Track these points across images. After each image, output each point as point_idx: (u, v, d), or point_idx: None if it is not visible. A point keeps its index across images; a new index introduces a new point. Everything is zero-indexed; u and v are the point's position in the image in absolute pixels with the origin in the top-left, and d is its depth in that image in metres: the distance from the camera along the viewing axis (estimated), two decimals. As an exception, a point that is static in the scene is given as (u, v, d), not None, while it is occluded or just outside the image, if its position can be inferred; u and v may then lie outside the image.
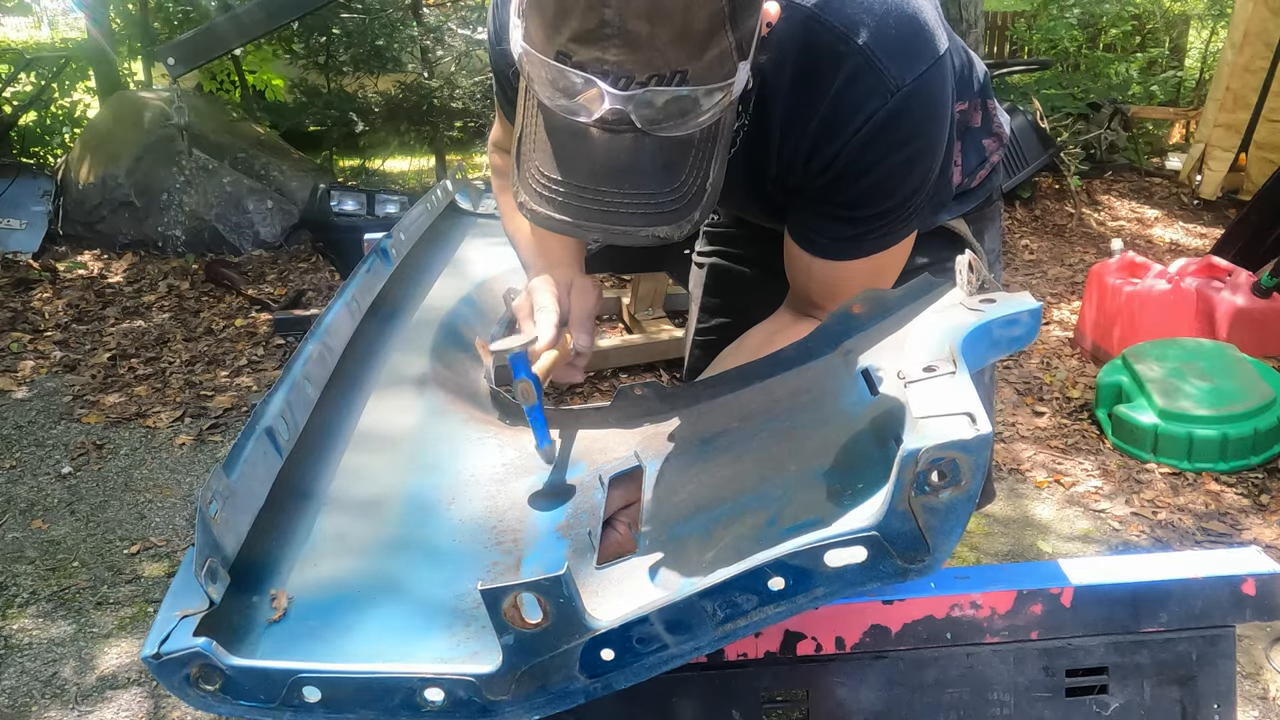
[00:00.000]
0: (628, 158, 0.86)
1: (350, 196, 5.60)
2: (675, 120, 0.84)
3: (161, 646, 0.73)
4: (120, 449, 3.83)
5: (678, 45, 0.81)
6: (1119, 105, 7.69)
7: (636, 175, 0.86)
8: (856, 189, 1.07)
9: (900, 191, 1.08)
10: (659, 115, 0.84)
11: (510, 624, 0.70)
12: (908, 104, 1.01)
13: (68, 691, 2.48)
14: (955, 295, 0.93)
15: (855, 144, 1.03)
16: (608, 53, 0.80)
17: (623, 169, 0.86)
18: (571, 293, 1.12)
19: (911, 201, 1.09)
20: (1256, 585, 0.84)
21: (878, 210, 1.09)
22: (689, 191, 0.88)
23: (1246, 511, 3.14)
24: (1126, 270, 4.27)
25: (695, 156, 0.88)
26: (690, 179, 0.88)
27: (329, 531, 0.96)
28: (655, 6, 0.79)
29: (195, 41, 3.00)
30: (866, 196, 1.07)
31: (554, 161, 0.87)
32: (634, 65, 0.81)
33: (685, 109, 0.84)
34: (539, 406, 1.04)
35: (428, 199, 1.79)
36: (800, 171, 1.09)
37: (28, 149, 7.26)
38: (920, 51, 1.02)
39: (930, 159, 1.08)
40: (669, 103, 0.83)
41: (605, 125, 0.84)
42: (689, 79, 0.82)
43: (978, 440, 0.66)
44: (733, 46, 0.84)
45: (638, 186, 0.86)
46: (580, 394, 4.21)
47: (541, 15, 0.83)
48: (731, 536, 0.82)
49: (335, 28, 6.59)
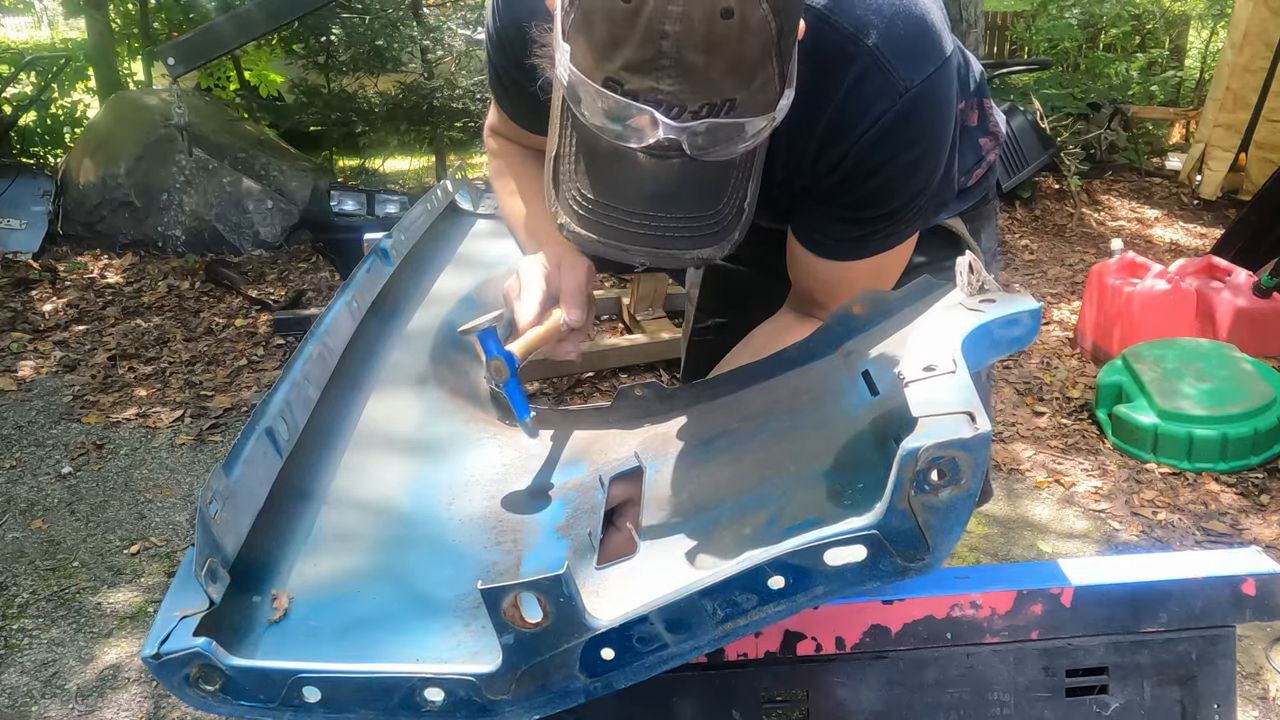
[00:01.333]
0: (675, 182, 0.86)
1: (350, 196, 5.60)
2: (722, 146, 0.85)
3: (161, 646, 0.73)
4: (120, 449, 3.83)
5: (730, 75, 0.82)
6: (1119, 105, 7.69)
7: (683, 199, 0.87)
8: (863, 190, 1.07)
9: (906, 191, 1.08)
10: (708, 142, 0.84)
11: (510, 624, 0.70)
12: (915, 105, 1.02)
13: (68, 691, 2.48)
14: (955, 295, 0.93)
15: (863, 145, 1.03)
16: (662, 83, 0.81)
17: (670, 194, 0.87)
18: (561, 268, 1.13)
19: (916, 201, 1.10)
20: (1256, 585, 0.84)
21: (884, 211, 1.09)
22: (730, 212, 0.90)
23: (1246, 511, 3.14)
24: (1126, 270, 4.27)
25: (736, 179, 0.90)
26: (731, 200, 0.90)
27: (329, 531, 0.96)
28: (712, 37, 0.79)
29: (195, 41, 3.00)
30: (873, 197, 1.08)
31: (598, 184, 0.88)
32: (688, 95, 0.81)
33: (733, 135, 0.85)
34: (513, 382, 1.03)
35: (428, 199, 1.79)
36: (808, 172, 1.09)
37: (28, 149, 7.26)
38: (928, 53, 1.02)
39: (936, 159, 1.08)
40: (718, 130, 0.84)
41: (653, 151, 0.85)
42: (738, 107, 0.83)
43: (977, 439, 0.66)
44: (776, 74, 0.85)
45: (683, 210, 0.87)
46: (580, 394, 4.21)
47: (591, 40, 0.83)
48: (731, 536, 0.82)
49: (335, 28, 6.58)
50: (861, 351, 0.99)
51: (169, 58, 2.87)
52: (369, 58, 6.71)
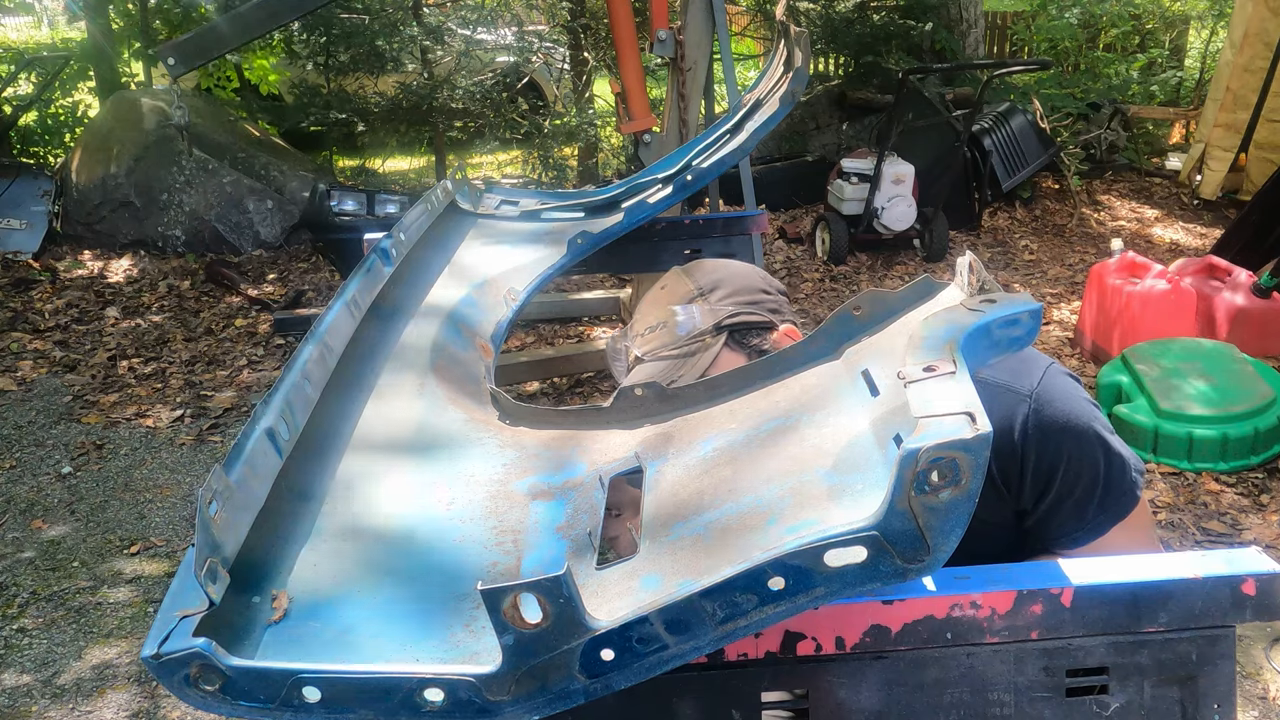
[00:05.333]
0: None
1: (350, 196, 5.61)
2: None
3: (161, 646, 0.73)
4: (120, 449, 3.83)
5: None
6: (1119, 105, 7.69)
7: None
8: (1064, 486, 1.18)
9: (1091, 462, 1.18)
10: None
11: (510, 624, 0.70)
12: (1045, 396, 1.17)
13: (67, 691, 2.48)
14: (955, 295, 0.93)
15: (1032, 455, 1.16)
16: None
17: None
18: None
19: (1109, 463, 1.19)
20: (1256, 585, 0.84)
21: (1094, 488, 1.18)
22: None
23: (1246, 511, 3.14)
24: (1126, 270, 4.27)
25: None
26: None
27: (329, 531, 0.96)
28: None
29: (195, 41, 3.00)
30: (1075, 483, 1.18)
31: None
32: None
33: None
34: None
35: (428, 199, 1.79)
36: (1027, 514, 1.22)
37: (28, 149, 7.26)
38: (1031, 365, 1.21)
39: (1097, 424, 1.19)
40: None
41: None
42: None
43: (978, 440, 0.66)
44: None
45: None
46: (580, 394, 4.21)
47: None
48: (731, 536, 0.82)
49: (335, 28, 6.58)
50: (861, 351, 0.99)
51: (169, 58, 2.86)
52: (369, 58, 6.71)
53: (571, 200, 1.97)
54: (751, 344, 1.32)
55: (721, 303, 1.33)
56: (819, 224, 6.10)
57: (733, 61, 4.16)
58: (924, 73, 6.62)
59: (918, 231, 5.95)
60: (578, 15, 7.34)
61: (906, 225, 5.84)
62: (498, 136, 7.12)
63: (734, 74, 4.12)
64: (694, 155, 1.96)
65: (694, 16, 3.92)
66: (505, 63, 7.42)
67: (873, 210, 5.79)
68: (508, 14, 7.82)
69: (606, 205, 1.94)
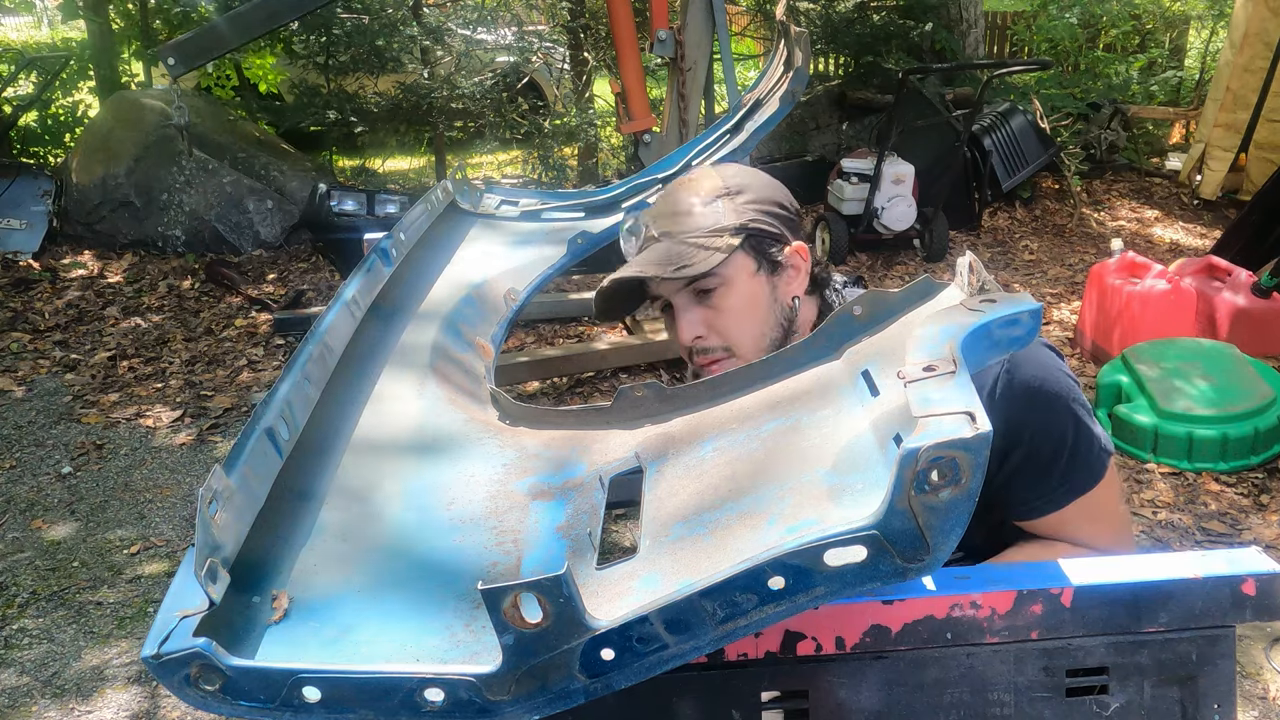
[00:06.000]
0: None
1: (350, 196, 5.61)
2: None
3: (161, 646, 0.73)
4: (120, 449, 3.83)
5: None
6: (1119, 105, 7.69)
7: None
8: (1033, 443, 1.17)
9: (1064, 423, 1.18)
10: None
11: (510, 624, 0.70)
12: (1021, 360, 1.18)
13: (68, 691, 2.48)
14: (955, 295, 0.93)
15: (1000, 416, 1.14)
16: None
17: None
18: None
19: (1081, 432, 1.19)
20: (1256, 585, 0.84)
21: (1061, 445, 1.18)
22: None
23: (1246, 511, 3.14)
24: (1126, 270, 4.27)
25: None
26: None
27: (329, 531, 0.96)
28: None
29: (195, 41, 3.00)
30: (1043, 440, 1.17)
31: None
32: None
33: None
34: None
35: (428, 199, 1.79)
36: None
37: (28, 149, 7.26)
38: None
39: (1069, 395, 1.20)
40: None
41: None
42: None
43: (978, 439, 0.66)
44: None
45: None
46: (580, 394, 4.21)
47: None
48: (731, 536, 0.82)
49: (335, 28, 6.58)
50: (861, 351, 0.99)
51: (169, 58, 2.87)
52: (369, 58, 6.71)
53: (571, 200, 1.97)
54: (767, 252, 1.33)
55: (746, 206, 1.32)
56: (819, 224, 6.10)
57: (733, 61, 4.16)
58: (924, 73, 6.62)
59: (918, 231, 5.95)
60: (578, 15, 7.34)
61: (906, 225, 5.84)
62: (498, 136, 7.12)
63: (734, 74, 4.12)
64: (694, 155, 1.97)
65: (694, 16, 3.92)
66: (505, 63, 7.42)
67: (873, 210, 5.79)
68: (508, 14, 7.82)
69: (606, 205, 1.94)
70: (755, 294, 1.32)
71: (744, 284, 1.30)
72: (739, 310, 1.31)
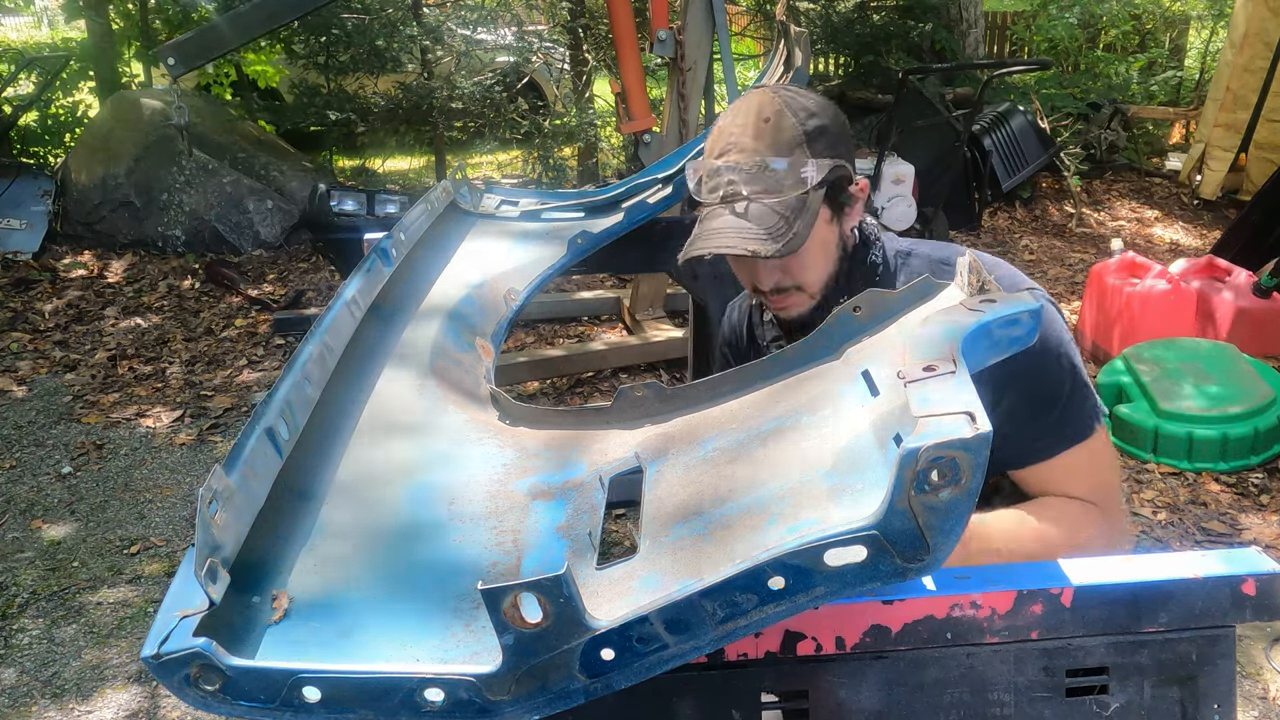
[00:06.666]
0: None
1: (350, 196, 5.60)
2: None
3: (161, 646, 0.73)
4: (120, 449, 3.83)
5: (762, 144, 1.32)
6: (1119, 105, 7.69)
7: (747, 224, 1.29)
8: (1026, 393, 1.20)
9: (1059, 368, 1.21)
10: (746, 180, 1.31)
11: (510, 623, 0.70)
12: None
13: (68, 691, 2.48)
14: (955, 295, 0.93)
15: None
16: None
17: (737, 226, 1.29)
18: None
19: (1073, 377, 1.21)
20: (1256, 585, 0.84)
21: (1053, 390, 1.21)
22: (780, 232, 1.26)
23: (1246, 511, 3.14)
24: (1126, 270, 4.27)
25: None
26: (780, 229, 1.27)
27: (329, 531, 0.96)
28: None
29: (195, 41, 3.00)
30: (1029, 384, 1.19)
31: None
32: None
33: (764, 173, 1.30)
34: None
35: (428, 199, 1.79)
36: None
37: (28, 149, 7.26)
38: (1021, 283, 1.25)
39: (1069, 348, 1.23)
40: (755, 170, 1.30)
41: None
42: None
43: (978, 439, 0.66)
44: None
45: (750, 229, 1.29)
46: (580, 394, 4.21)
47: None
48: (731, 536, 0.82)
49: (335, 28, 6.58)
50: (862, 351, 0.99)
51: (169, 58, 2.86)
52: (369, 58, 6.71)
53: (571, 200, 1.97)
54: (840, 197, 1.32)
55: (825, 152, 1.28)
56: (819, 224, 6.10)
57: (733, 61, 4.16)
58: (924, 73, 6.61)
59: (918, 231, 5.94)
60: (578, 15, 7.34)
61: (906, 225, 5.84)
62: (498, 136, 7.12)
63: (734, 74, 4.12)
64: (694, 155, 1.97)
65: (694, 16, 3.91)
66: (505, 63, 7.42)
67: (873, 210, 5.79)
68: (508, 14, 7.82)
69: (606, 205, 1.94)
70: (828, 239, 1.33)
71: (820, 232, 1.31)
72: (814, 255, 1.32)
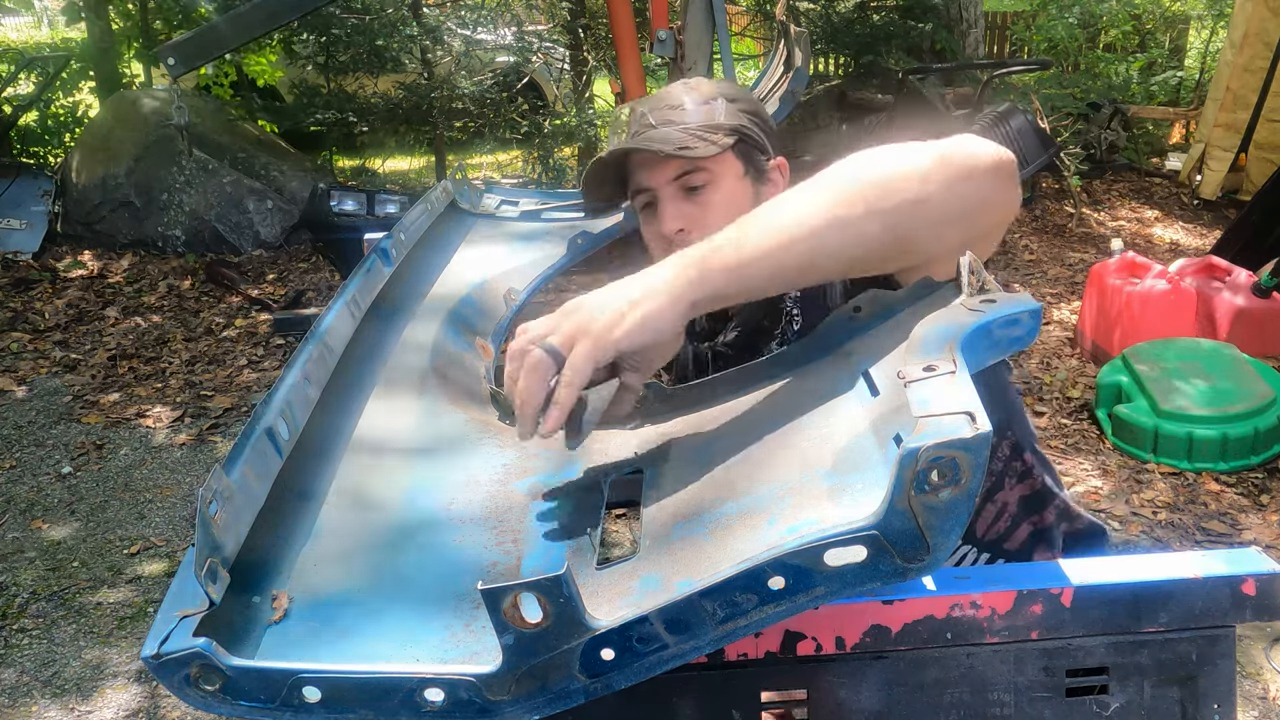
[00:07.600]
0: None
1: (350, 196, 5.61)
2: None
3: (161, 646, 0.73)
4: (120, 449, 3.83)
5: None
6: (1119, 105, 7.69)
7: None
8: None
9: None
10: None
11: (510, 624, 0.70)
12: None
13: (68, 691, 2.49)
14: (955, 295, 0.93)
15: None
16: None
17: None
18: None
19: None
20: (1256, 585, 0.84)
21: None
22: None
23: (1246, 511, 3.14)
24: (1126, 270, 4.27)
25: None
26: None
27: (329, 531, 0.96)
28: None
29: (195, 41, 3.00)
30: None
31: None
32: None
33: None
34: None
35: (428, 199, 1.79)
36: None
37: (28, 149, 7.26)
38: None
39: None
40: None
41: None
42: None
43: (978, 439, 0.66)
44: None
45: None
46: (580, 394, 4.21)
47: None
48: (731, 536, 0.82)
49: (335, 28, 6.58)
50: (862, 351, 0.99)
51: (169, 58, 2.87)
52: (369, 58, 6.71)
53: (571, 200, 1.97)
54: (755, 159, 1.38)
55: (740, 112, 1.38)
56: (819, 224, 6.09)
57: (733, 61, 4.16)
58: (924, 73, 6.62)
59: (918, 231, 5.94)
60: (578, 15, 7.34)
61: (906, 225, 5.83)
62: (498, 136, 7.12)
63: (734, 74, 4.12)
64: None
65: (694, 16, 3.92)
66: (505, 63, 7.42)
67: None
68: (508, 14, 7.82)
69: (606, 205, 1.94)
70: (739, 196, 1.35)
71: (731, 184, 1.35)
72: (722, 209, 1.33)
